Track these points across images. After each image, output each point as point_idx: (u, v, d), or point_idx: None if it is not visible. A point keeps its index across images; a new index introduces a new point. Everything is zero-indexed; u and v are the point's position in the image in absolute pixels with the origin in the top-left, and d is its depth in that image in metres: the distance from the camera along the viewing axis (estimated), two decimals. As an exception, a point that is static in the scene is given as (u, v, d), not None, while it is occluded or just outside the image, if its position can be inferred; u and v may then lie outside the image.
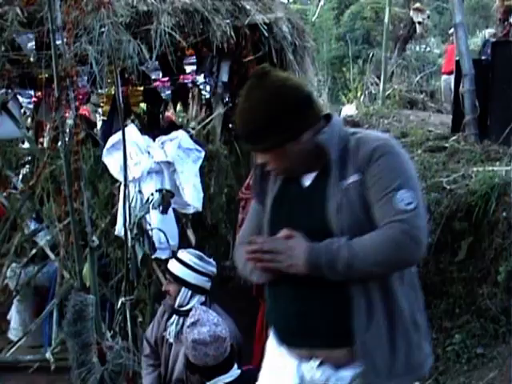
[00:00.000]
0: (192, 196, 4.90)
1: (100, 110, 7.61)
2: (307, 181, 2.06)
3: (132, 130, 4.96)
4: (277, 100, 1.94)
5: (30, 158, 5.91)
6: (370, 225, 1.90)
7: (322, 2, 18.10)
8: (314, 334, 1.97)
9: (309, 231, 1.95)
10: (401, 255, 1.86)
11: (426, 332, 2.04)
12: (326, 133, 1.99)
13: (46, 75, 4.87)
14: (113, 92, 5.89)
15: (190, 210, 5.03)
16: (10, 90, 5.31)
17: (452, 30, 9.60)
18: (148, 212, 4.25)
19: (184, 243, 4.88)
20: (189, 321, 3.08)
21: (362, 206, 1.92)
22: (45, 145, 6.29)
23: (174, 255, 3.77)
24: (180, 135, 5.08)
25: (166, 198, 4.33)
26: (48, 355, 5.13)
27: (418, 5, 13.35)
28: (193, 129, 5.90)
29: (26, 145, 6.30)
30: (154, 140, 5.06)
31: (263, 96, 1.95)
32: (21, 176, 5.88)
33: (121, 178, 4.50)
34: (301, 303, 1.99)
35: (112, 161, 4.78)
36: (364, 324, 1.90)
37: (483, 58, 6.87)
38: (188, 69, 5.70)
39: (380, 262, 1.85)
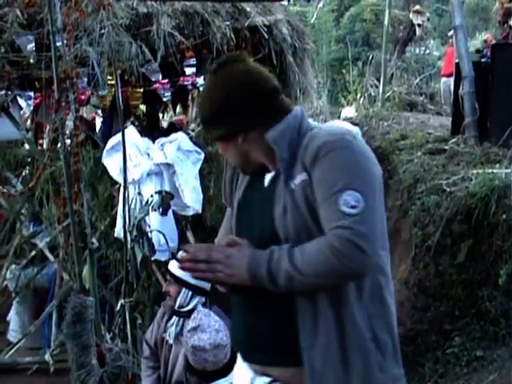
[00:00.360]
0: (191, 198, 4.90)
1: (99, 111, 7.61)
2: (267, 181, 1.90)
3: (132, 131, 4.96)
4: (231, 89, 1.83)
5: (29, 159, 5.90)
6: (319, 229, 1.71)
7: (321, 4, 18.07)
8: (264, 349, 1.84)
9: (260, 237, 1.81)
10: (344, 265, 1.63)
11: (394, 351, 1.81)
12: (276, 129, 1.82)
13: (46, 77, 4.86)
14: (112, 93, 5.89)
15: (190, 212, 5.03)
16: (9, 92, 5.31)
17: (451, 33, 9.60)
18: (147, 214, 4.25)
19: (183, 245, 4.87)
20: (190, 324, 3.07)
21: (308, 208, 1.73)
22: (44, 146, 6.29)
23: (174, 256, 3.77)
24: (180, 137, 5.08)
25: (166, 200, 4.33)
26: (47, 357, 5.13)
27: (417, 7, 13.32)
28: (192, 131, 5.91)
29: (26, 146, 6.30)
30: (153, 142, 5.06)
31: (217, 83, 1.87)
32: (20, 178, 5.88)
33: (120, 179, 4.50)
34: (250, 315, 1.86)
35: (112, 163, 4.78)
36: (310, 339, 1.73)
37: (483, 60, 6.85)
38: (188, 71, 5.71)
39: (323, 273, 1.65)
